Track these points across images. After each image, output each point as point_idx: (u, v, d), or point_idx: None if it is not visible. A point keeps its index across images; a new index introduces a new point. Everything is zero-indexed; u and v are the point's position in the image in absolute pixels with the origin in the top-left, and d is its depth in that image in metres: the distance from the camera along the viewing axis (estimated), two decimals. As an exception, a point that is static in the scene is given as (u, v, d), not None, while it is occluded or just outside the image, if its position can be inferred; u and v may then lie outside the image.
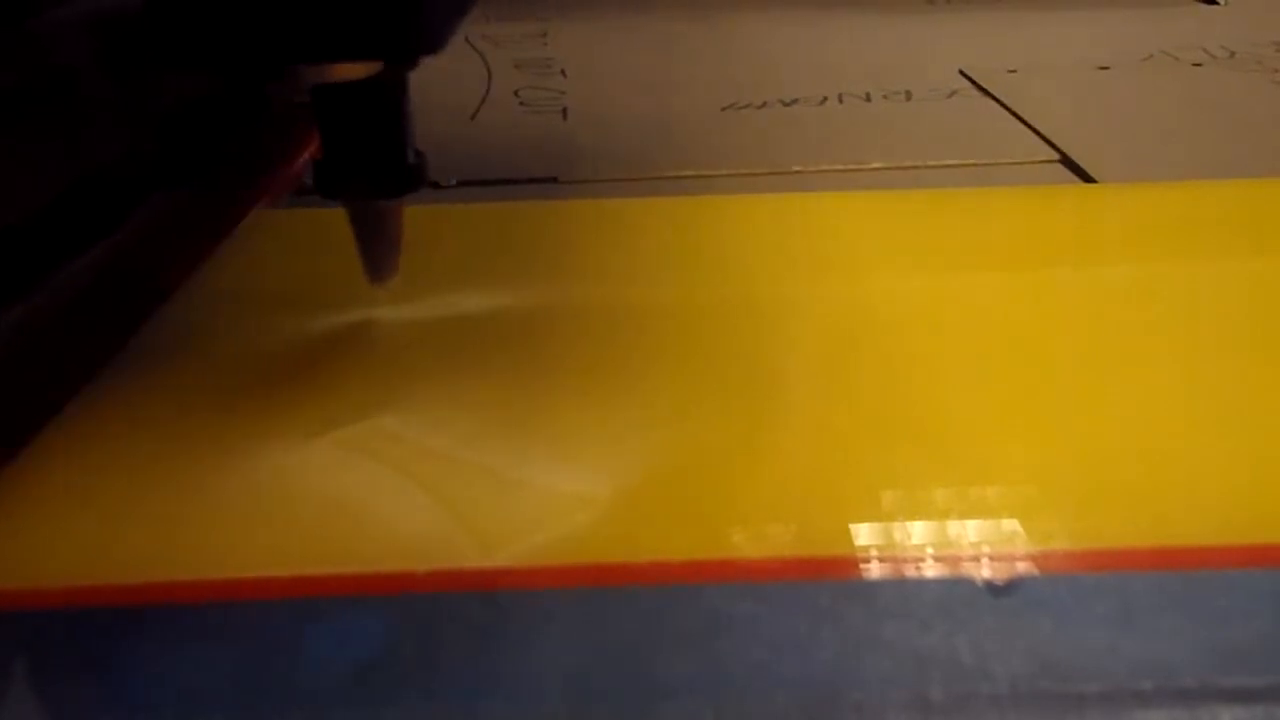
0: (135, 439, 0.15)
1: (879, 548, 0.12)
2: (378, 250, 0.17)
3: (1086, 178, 0.23)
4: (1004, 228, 0.21)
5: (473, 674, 0.11)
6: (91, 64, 0.17)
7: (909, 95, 0.29)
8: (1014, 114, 0.27)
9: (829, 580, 0.12)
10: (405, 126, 0.15)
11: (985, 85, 0.30)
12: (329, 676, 0.11)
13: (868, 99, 0.29)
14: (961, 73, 0.31)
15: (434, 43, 0.14)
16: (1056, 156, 0.24)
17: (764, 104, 0.29)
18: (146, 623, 0.12)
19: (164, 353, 0.17)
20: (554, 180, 0.24)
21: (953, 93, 0.29)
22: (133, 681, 0.11)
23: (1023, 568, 0.12)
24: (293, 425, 0.15)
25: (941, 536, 0.13)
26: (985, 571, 0.12)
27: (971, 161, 0.24)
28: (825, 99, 0.29)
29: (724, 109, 0.29)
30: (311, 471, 0.14)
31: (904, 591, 0.12)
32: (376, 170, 0.15)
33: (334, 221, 0.22)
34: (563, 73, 0.32)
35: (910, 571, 0.12)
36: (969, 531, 0.13)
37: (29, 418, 0.15)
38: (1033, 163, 0.24)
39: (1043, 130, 0.26)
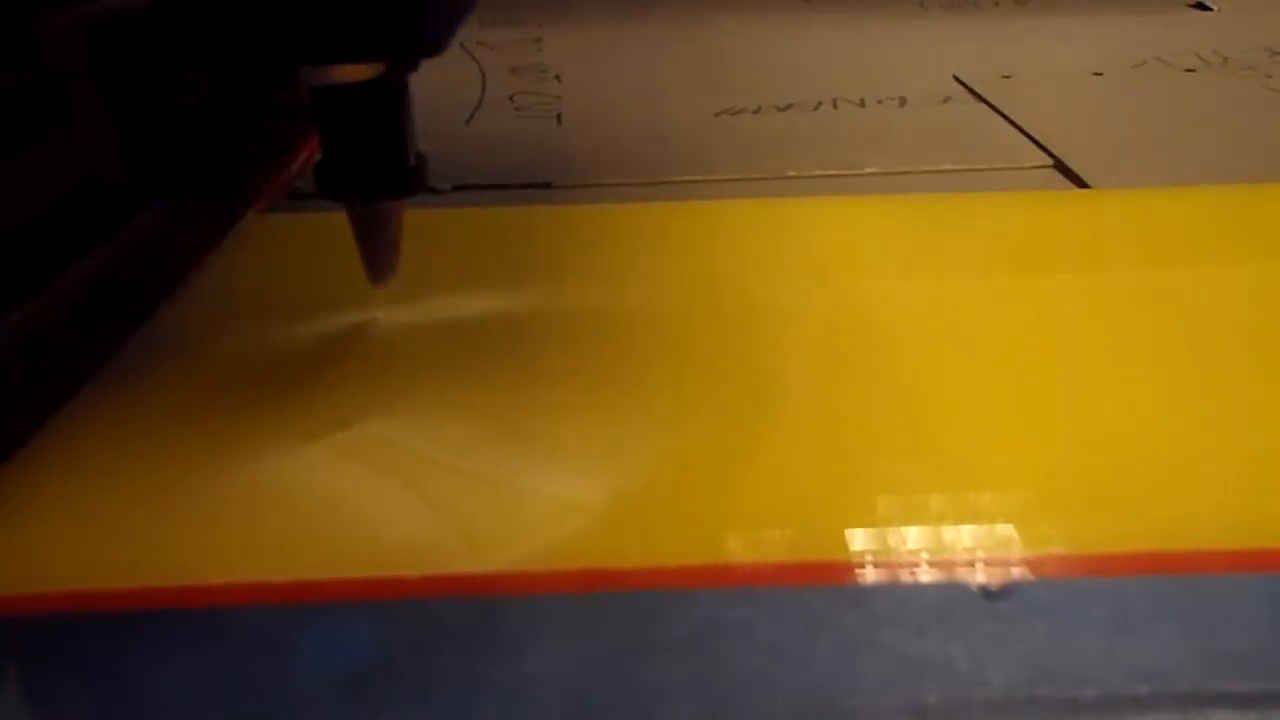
0: (127, 443, 0.15)
1: (875, 553, 0.12)
2: (378, 251, 0.17)
3: (1080, 183, 0.23)
4: (998, 233, 0.21)
5: (466, 679, 0.11)
6: (91, 67, 0.17)
7: (903, 101, 0.29)
8: (1008, 119, 0.27)
9: (825, 586, 0.12)
10: (405, 129, 0.16)
11: (979, 91, 0.30)
12: (321, 682, 0.11)
13: (862, 104, 0.29)
14: (955, 78, 0.31)
15: (435, 45, 0.14)
16: (1050, 162, 0.24)
17: (758, 109, 0.29)
18: (136, 628, 0.12)
19: (156, 358, 0.17)
20: (548, 185, 0.24)
21: (947, 98, 0.29)
22: (123, 687, 0.11)
23: (1018, 573, 0.12)
24: (285, 430, 0.15)
25: (937, 542, 0.13)
26: (981, 577, 0.12)
27: (965, 167, 0.24)
28: (820, 104, 0.29)
29: (718, 114, 0.29)
30: (304, 477, 0.14)
31: (900, 597, 0.12)
32: (377, 172, 0.15)
33: (327, 226, 0.22)
34: (558, 78, 0.32)
35: (906, 577, 0.12)
36: (965, 537, 0.13)
37: (23, 422, 0.15)
38: (1026, 168, 0.24)
39: (1036, 136, 0.26)
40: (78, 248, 0.17)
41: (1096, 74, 0.31)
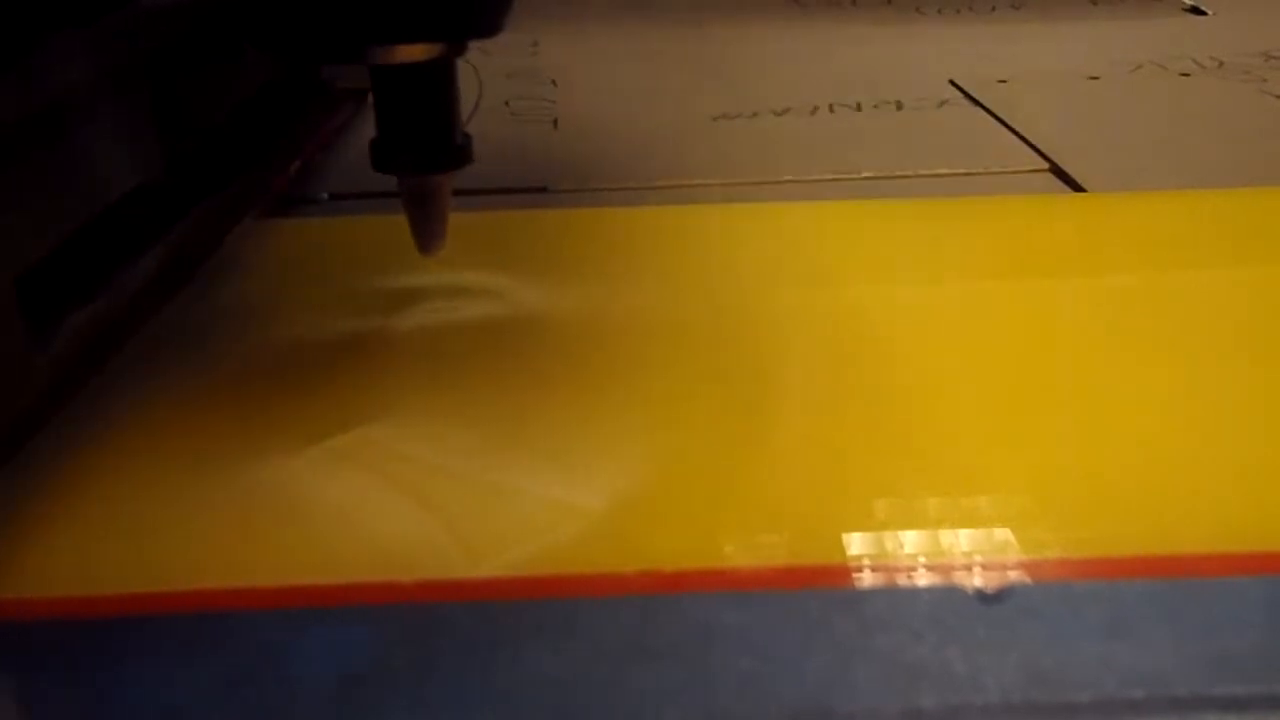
0: (122, 447, 0.15)
1: (871, 557, 0.12)
2: (428, 223, 0.18)
3: (1076, 187, 0.23)
4: (995, 237, 0.21)
5: (461, 684, 0.11)
6: (139, 65, 0.17)
7: (900, 105, 0.29)
8: (1004, 124, 0.27)
9: (821, 590, 0.12)
10: (454, 107, 0.17)
11: (975, 95, 0.30)
12: (317, 686, 0.11)
13: (858, 109, 0.29)
14: (952, 83, 0.31)
15: (491, 27, 0.16)
16: (1046, 166, 0.24)
17: (755, 114, 0.29)
18: (130, 634, 0.12)
19: (153, 361, 0.17)
20: (544, 190, 0.24)
21: (943, 102, 0.29)
22: (115, 694, 0.11)
23: (1015, 576, 0.12)
24: (281, 435, 0.15)
25: (934, 546, 0.13)
26: (977, 580, 0.12)
27: (962, 171, 0.24)
28: (816, 109, 0.29)
29: (715, 118, 0.29)
30: (299, 481, 0.14)
31: (896, 601, 0.12)
32: (429, 147, 0.17)
33: (323, 231, 0.22)
34: (553, 82, 0.32)
35: (902, 581, 0.12)
36: (961, 540, 0.13)
37: (26, 423, 0.15)
38: (1022, 172, 0.24)
39: (1033, 140, 0.26)
40: (130, 252, 0.18)
41: (1092, 78, 0.31)
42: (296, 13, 0.15)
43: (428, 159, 0.17)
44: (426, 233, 0.18)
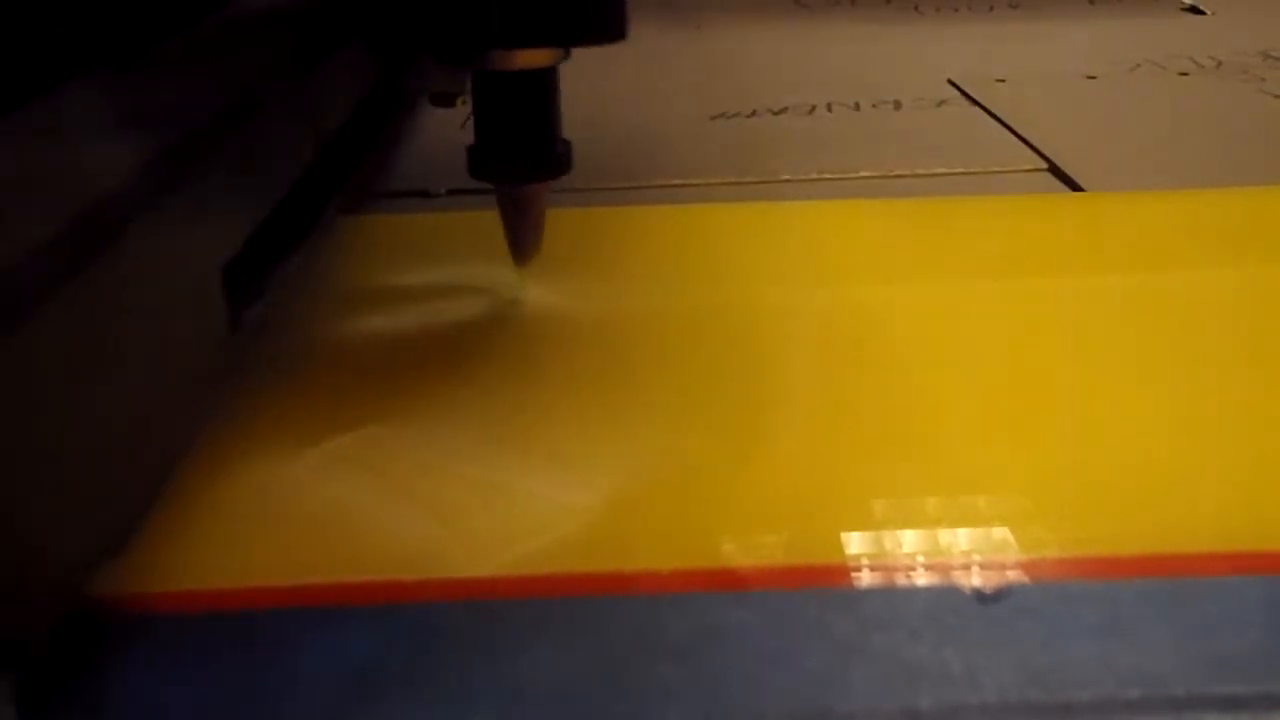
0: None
1: (870, 556, 0.12)
2: (524, 232, 0.17)
3: (1075, 186, 0.23)
4: (994, 236, 0.21)
5: (462, 683, 0.11)
6: (280, 63, 0.17)
7: (898, 104, 0.29)
8: (1002, 123, 0.27)
9: (819, 589, 0.12)
10: (556, 115, 0.16)
11: (974, 94, 0.30)
12: (316, 687, 0.11)
13: (857, 108, 0.29)
14: (950, 82, 0.31)
15: (622, 30, 0.16)
16: (1045, 165, 0.24)
17: (753, 113, 0.29)
18: (130, 635, 0.12)
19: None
20: (543, 189, 0.24)
21: (941, 102, 0.29)
22: (116, 695, 0.11)
23: (1013, 576, 0.12)
24: (281, 435, 0.15)
25: (932, 545, 0.13)
26: (975, 580, 0.12)
27: (960, 170, 0.24)
28: (814, 108, 0.29)
29: (713, 118, 0.29)
30: (301, 481, 0.14)
31: (894, 601, 0.12)
32: (531, 155, 0.16)
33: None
34: (552, 82, 0.32)
35: (900, 580, 0.12)
36: (960, 540, 0.13)
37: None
38: (1021, 171, 0.24)
39: (1031, 139, 0.26)
40: (290, 246, 0.17)
41: (1090, 77, 0.31)
42: (420, 17, 0.15)
43: (531, 167, 0.16)
44: (523, 241, 0.17)
